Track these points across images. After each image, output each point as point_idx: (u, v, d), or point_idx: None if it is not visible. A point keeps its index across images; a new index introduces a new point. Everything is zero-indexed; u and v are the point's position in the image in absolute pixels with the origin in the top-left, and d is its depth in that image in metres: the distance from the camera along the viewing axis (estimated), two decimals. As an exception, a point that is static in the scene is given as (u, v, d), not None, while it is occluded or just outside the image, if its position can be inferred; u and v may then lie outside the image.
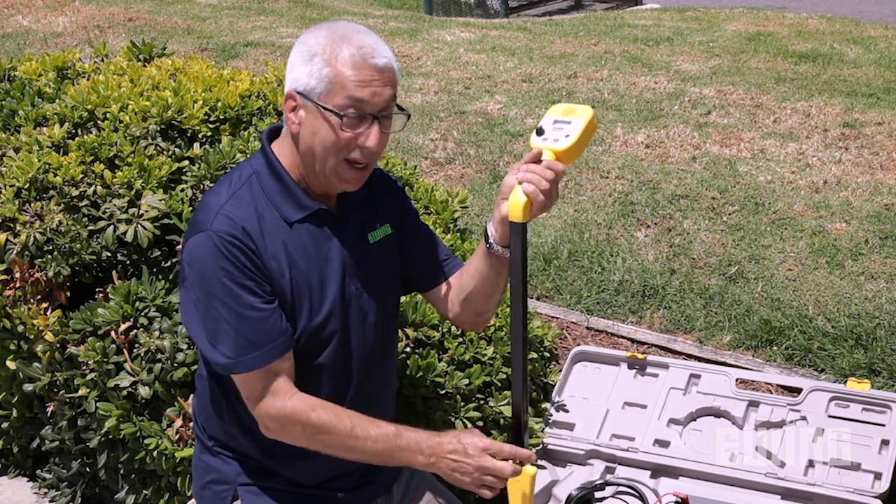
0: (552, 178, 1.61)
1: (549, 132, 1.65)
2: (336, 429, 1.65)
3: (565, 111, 1.69)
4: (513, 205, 1.62)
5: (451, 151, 5.00)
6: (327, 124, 1.61)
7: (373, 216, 1.82)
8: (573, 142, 1.63)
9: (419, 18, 9.37)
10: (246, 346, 1.63)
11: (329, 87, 1.59)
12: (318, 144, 1.63)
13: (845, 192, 4.26)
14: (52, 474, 2.70)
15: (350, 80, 1.58)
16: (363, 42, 1.60)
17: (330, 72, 1.59)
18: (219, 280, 1.61)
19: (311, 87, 1.60)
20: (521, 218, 1.62)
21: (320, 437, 1.67)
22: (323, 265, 1.71)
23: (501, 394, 2.47)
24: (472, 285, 1.83)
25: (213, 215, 1.64)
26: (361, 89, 1.59)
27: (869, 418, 2.52)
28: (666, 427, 2.60)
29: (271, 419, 1.67)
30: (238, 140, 2.58)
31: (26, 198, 2.40)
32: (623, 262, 3.78)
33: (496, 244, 1.72)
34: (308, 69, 1.60)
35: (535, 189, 1.60)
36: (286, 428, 1.67)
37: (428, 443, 1.66)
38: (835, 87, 5.89)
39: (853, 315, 3.32)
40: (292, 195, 1.69)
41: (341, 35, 1.61)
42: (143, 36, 6.31)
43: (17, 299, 2.38)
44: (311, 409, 1.65)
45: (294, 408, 1.65)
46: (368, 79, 1.59)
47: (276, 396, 1.65)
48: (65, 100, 2.67)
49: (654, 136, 5.10)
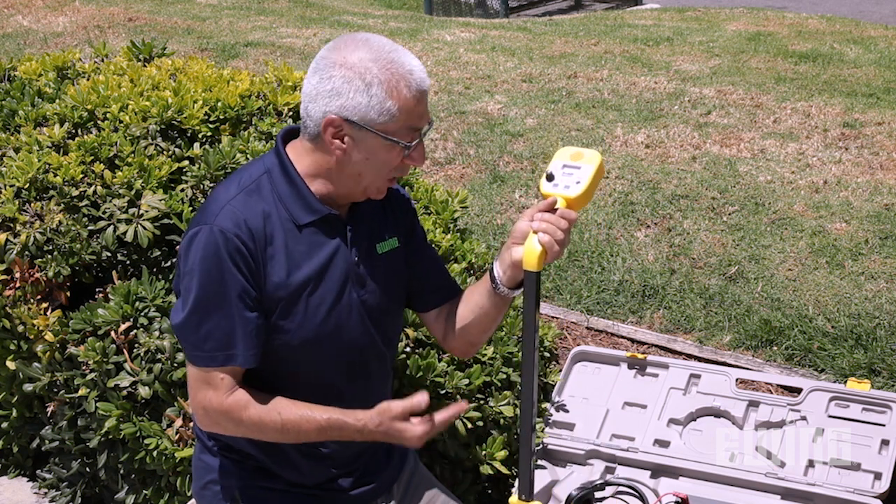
0: (566, 227, 1.63)
1: (560, 178, 1.65)
2: (266, 426, 1.67)
3: (574, 155, 1.69)
4: (528, 254, 1.64)
5: (451, 151, 5.00)
6: (387, 151, 1.63)
7: (383, 227, 1.82)
8: (584, 188, 1.64)
9: (419, 18, 9.37)
10: (209, 340, 1.63)
11: (391, 118, 1.60)
12: (371, 168, 1.66)
13: (845, 192, 4.26)
14: (52, 474, 2.70)
15: (411, 110, 1.61)
16: (412, 65, 1.61)
17: (395, 105, 1.59)
18: (209, 276, 1.61)
19: (370, 119, 1.60)
20: (536, 267, 1.64)
21: (253, 432, 1.70)
22: (326, 269, 1.71)
23: (501, 394, 2.47)
24: (470, 318, 1.84)
25: (219, 209, 1.64)
26: (420, 119, 1.63)
27: (869, 418, 2.52)
28: (666, 427, 2.60)
29: (205, 413, 1.69)
30: (238, 140, 2.58)
31: (26, 198, 2.40)
32: (623, 262, 3.78)
33: (503, 286, 1.74)
34: (366, 100, 1.59)
35: (551, 239, 1.62)
36: (220, 423, 1.70)
37: (357, 426, 1.68)
38: (835, 87, 5.89)
39: (853, 315, 3.32)
40: (303, 198, 1.69)
41: (390, 59, 1.60)
42: (143, 36, 6.32)
43: (17, 299, 2.38)
44: (243, 407, 1.66)
45: (229, 406, 1.66)
46: (422, 104, 1.63)
47: (217, 391, 1.66)
48: (65, 100, 2.67)
49: (654, 136, 5.11)
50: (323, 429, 1.68)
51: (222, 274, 1.61)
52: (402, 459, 2.01)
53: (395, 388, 2.25)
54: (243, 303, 1.63)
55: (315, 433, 1.68)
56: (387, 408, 1.65)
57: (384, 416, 1.65)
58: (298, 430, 1.67)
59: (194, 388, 1.69)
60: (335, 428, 1.68)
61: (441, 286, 1.92)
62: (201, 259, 1.62)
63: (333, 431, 1.68)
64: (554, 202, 1.64)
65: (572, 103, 5.75)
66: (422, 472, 2.05)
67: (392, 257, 1.83)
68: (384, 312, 1.82)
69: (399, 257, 1.85)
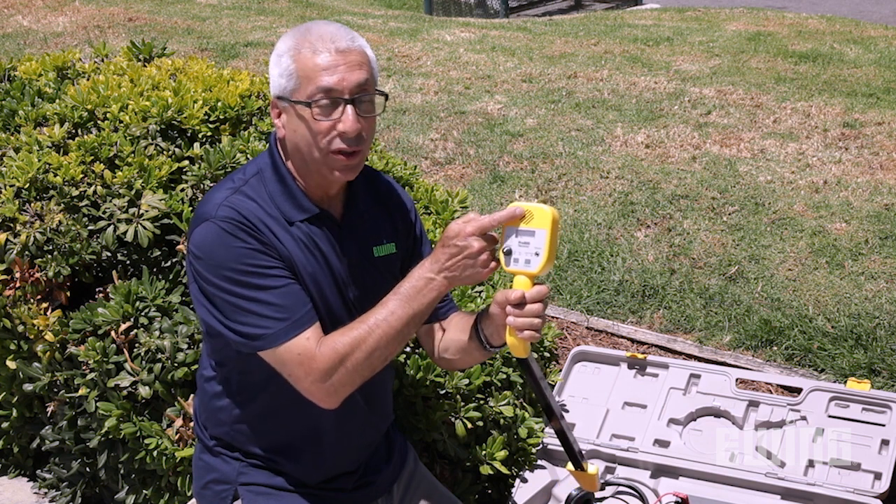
0: (542, 310, 1.59)
1: (517, 251, 1.59)
2: (360, 338, 1.59)
3: (525, 217, 1.59)
4: (514, 348, 1.63)
5: (451, 151, 5.00)
6: (303, 119, 1.62)
7: (381, 231, 1.82)
8: (544, 258, 1.57)
9: (419, 18, 9.37)
10: (273, 320, 1.60)
11: (298, 81, 1.60)
12: (300, 140, 1.64)
13: (845, 192, 4.27)
14: (52, 474, 2.70)
15: (314, 69, 1.59)
16: (323, 31, 1.62)
17: (295, 66, 1.60)
18: (233, 262, 1.60)
19: (283, 87, 1.63)
20: (525, 354, 1.65)
21: (357, 359, 1.59)
22: (319, 268, 1.70)
23: (501, 394, 2.47)
24: (455, 356, 1.83)
25: (215, 208, 1.64)
26: (327, 76, 1.59)
27: (869, 418, 2.52)
28: (666, 427, 2.60)
29: (317, 385, 1.60)
30: (238, 140, 2.58)
31: (26, 198, 2.40)
32: (623, 262, 3.78)
33: (492, 347, 1.73)
34: (278, 70, 1.63)
35: (532, 332, 1.59)
36: (333, 383, 1.60)
37: (426, 273, 1.60)
38: (835, 87, 5.89)
39: (853, 315, 3.32)
40: (293, 196, 1.69)
41: (304, 29, 1.64)
42: (143, 36, 6.32)
43: (17, 299, 2.38)
44: (333, 348, 1.59)
45: (323, 358, 1.59)
46: (333, 64, 1.59)
47: (309, 356, 1.60)
48: (65, 100, 2.67)
49: (654, 136, 5.11)
50: (402, 303, 1.59)
51: (238, 251, 1.60)
52: (403, 459, 2.01)
53: (395, 388, 2.25)
54: (272, 266, 1.61)
55: (400, 310, 1.59)
56: (466, 222, 1.56)
57: (466, 234, 1.55)
58: (386, 320, 1.58)
59: (292, 372, 1.61)
60: (412, 296, 1.59)
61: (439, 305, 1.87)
62: (213, 249, 1.61)
63: (416, 301, 1.59)
64: (522, 295, 1.58)
65: (572, 103, 5.75)
66: (422, 472, 2.05)
67: (389, 262, 1.82)
68: None
69: (395, 263, 1.85)
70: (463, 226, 1.56)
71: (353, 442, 1.86)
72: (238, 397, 1.79)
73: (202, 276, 1.63)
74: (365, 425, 1.87)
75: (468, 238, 1.55)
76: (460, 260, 1.56)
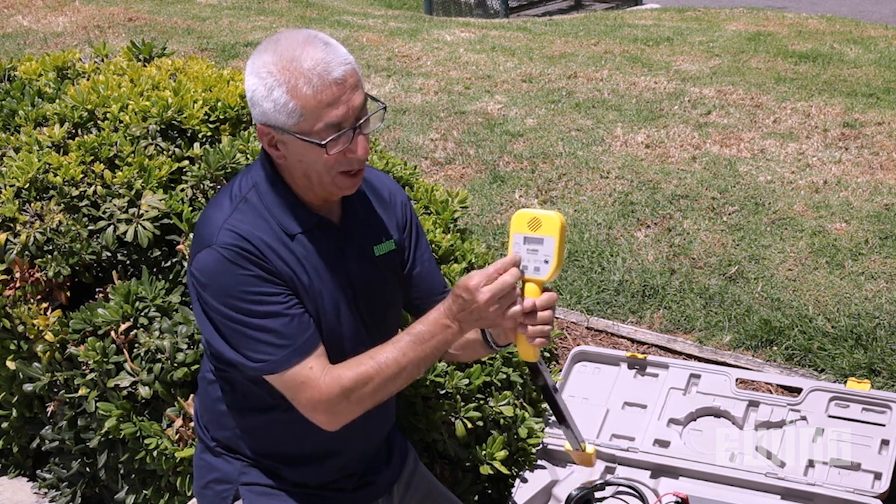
0: (552, 316, 1.61)
1: (526, 257, 1.60)
2: (368, 375, 1.61)
3: (531, 223, 1.60)
4: (525, 353, 1.64)
5: (451, 151, 5.00)
6: (311, 151, 1.58)
7: (380, 229, 1.81)
8: (553, 266, 1.59)
9: (419, 18, 9.37)
10: (276, 347, 1.61)
11: (300, 118, 1.55)
12: (308, 168, 1.62)
13: (845, 192, 4.27)
14: (52, 474, 2.70)
15: (318, 106, 1.54)
16: (312, 58, 1.53)
17: (295, 104, 1.53)
18: (238, 291, 1.60)
19: (282, 122, 1.56)
20: (536, 359, 1.66)
21: (362, 394, 1.61)
22: (326, 276, 1.70)
23: (501, 394, 2.47)
24: (458, 351, 1.86)
25: (216, 230, 1.63)
26: (333, 111, 1.55)
27: (869, 418, 2.52)
28: (666, 427, 2.61)
29: (319, 413, 1.63)
30: (238, 140, 2.58)
31: (26, 198, 2.40)
32: (623, 262, 3.78)
33: (498, 346, 1.77)
34: (272, 105, 1.55)
35: (544, 340, 1.61)
36: (336, 412, 1.63)
37: (441, 319, 1.61)
38: (835, 87, 5.89)
39: (853, 315, 3.32)
40: (292, 208, 1.68)
41: (290, 57, 1.54)
42: (143, 36, 6.32)
43: (17, 299, 2.38)
44: (338, 382, 1.61)
45: (328, 390, 1.61)
46: (335, 99, 1.54)
47: (313, 382, 1.61)
48: (65, 100, 2.67)
49: (654, 136, 5.11)
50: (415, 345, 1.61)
51: (241, 279, 1.60)
52: (403, 459, 2.01)
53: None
54: (275, 293, 1.62)
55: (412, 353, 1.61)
56: (476, 275, 1.57)
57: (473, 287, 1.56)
58: (396, 361, 1.60)
59: (295, 397, 1.63)
60: (425, 339, 1.61)
61: (433, 298, 1.86)
62: (216, 277, 1.61)
63: (429, 344, 1.61)
64: (533, 304, 1.59)
65: (572, 103, 5.75)
66: (422, 473, 2.05)
67: (390, 259, 1.82)
68: (383, 314, 1.81)
69: (396, 259, 1.85)
70: (467, 280, 1.57)
71: (358, 449, 1.87)
72: (243, 402, 1.79)
73: (206, 301, 1.64)
74: (371, 433, 1.89)
75: (474, 291, 1.56)
76: (469, 312, 1.58)
